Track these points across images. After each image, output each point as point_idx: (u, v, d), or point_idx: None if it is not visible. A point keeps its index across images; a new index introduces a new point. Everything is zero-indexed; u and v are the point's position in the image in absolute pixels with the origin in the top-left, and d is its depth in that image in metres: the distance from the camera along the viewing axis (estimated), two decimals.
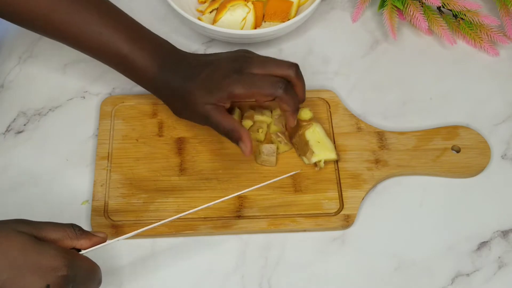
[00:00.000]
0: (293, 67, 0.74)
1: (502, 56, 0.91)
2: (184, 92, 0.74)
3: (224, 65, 0.75)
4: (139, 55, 0.75)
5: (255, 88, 0.73)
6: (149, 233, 0.72)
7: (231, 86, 0.73)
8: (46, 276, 0.57)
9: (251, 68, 0.74)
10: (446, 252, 0.74)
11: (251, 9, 0.90)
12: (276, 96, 0.73)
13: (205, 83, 0.74)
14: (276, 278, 0.71)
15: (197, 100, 0.74)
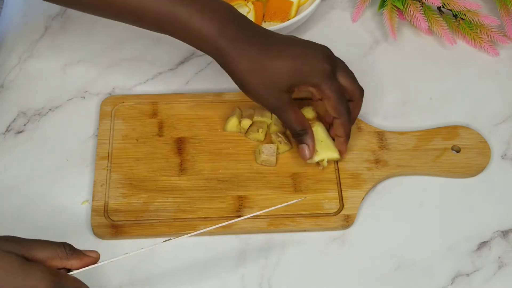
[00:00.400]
0: (362, 90, 0.76)
1: (502, 56, 0.91)
2: (266, 65, 0.71)
3: (318, 52, 0.73)
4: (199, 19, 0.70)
5: (335, 95, 0.72)
6: (149, 233, 0.73)
7: (321, 78, 0.72)
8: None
9: (340, 70, 0.74)
10: (446, 252, 0.74)
11: (251, 9, 0.90)
12: (341, 118, 0.74)
13: (295, 62, 0.71)
14: (276, 278, 0.71)
15: (280, 78, 0.71)
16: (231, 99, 0.84)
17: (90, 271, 0.71)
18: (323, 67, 0.72)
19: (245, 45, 0.71)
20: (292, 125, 0.74)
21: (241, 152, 0.79)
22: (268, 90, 0.72)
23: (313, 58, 0.72)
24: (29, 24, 0.92)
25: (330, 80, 0.72)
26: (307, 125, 0.75)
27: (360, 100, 0.76)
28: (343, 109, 0.73)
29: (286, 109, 0.73)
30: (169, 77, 0.87)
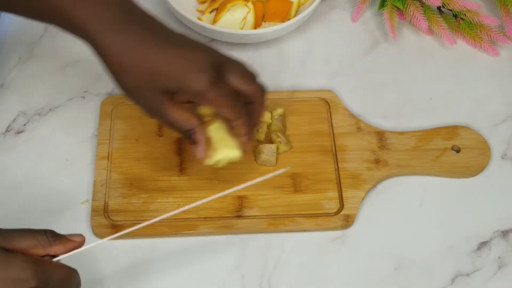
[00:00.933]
0: (263, 90, 0.69)
1: (502, 56, 0.91)
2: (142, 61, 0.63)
3: (203, 61, 0.64)
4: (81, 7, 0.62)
5: (226, 103, 0.66)
6: (149, 233, 0.73)
7: (208, 90, 0.64)
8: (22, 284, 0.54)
9: (229, 73, 0.66)
10: (446, 252, 0.74)
11: (251, 9, 0.90)
12: (239, 119, 0.67)
13: (174, 66, 0.63)
14: (276, 278, 0.71)
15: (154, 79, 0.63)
16: None
17: (90, 271, 0.71)
18: (205, 74, 0.64)
19: (122, 33, 0.63)
20: (177, 126, 0.67)
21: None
22: (142, 91, 0.65)
23: (195, 63, 0.64)
24: (29, 24, 0.92)
25: (214, 87, 0.64)
26: (194, 123, 0.66)
27: (261, 100, 0.69)
28: (236, 113, 0.66)
29: (166, 110, 0.65)
30: None
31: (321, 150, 0.79)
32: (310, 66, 0.89)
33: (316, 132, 0.81)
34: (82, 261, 0.71)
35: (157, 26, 0.66)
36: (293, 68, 0.89)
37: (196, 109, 0.69)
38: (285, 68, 0.89)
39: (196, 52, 0.65)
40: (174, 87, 0.65)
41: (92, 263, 0.71)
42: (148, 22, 0.65)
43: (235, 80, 0.67)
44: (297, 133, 0.81)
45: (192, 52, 0.65)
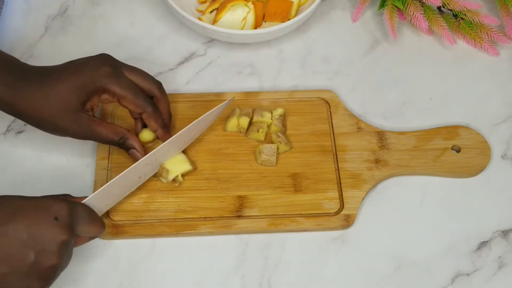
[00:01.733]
0: (158, 83, 0.75)
1: (502, 56, 0.91)
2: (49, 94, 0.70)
3: (93, 61, 0.72)
4: None
5: (130, 92, 0.72)
6: (149, 233, 0.73)
7: (105, 79, 0.71)
8: (52, 211, 0.60)
9: (123, 68, 0.73)
10: (446, 252, 0.74)
11: (251, 9, 0.90)
12: (146, 111, 0.73)
13: (75, 78, 0.71)
14: (276, 278, 0.71)
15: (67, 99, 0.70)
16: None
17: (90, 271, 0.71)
18: (103, 70, 0.71)
19: (23, 86, 0.70)
20: (108, 139, 0.73)
21: (241, 152, 0.79)
22: (64, 117, 0.71)
23: (90, 67, 0.72)
24: (29, 24, 0.92)
25: (116, 79, 0.72)
26: (123, 132, 0.73)
27: (161, 93, 0.75)
28: (142, 102, 0.73)
29: (93, 128, 0.72)
30: (169, 77, 0.87)
31: (321, 150, 0.79)
32: (310, 66, 0.89)
33: (316, 132, 0.81)
34: (82, 261, 0.71)
35: (45, 68, 0.73)
36: (293, 68, 0.89)
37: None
38: (285, 68, 0.89)
39: (88, 60, 0.73)
40: (83, 96, 0.71)
41: (92, 263, 0.71)
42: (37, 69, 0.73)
43: (133, 75, 0.74)
44: (297, 133, 0.81)
45: (85, 62, 0.73)
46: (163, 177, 0.75)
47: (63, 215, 0.60)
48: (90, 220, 0.64)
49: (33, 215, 0.59)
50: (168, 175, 0.75)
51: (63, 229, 0.60)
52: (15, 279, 0.58)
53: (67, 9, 0.94)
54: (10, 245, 0.57)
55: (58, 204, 0.61)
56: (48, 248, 0.59)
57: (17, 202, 0.60)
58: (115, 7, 0.94)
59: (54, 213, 0.60)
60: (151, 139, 0.77)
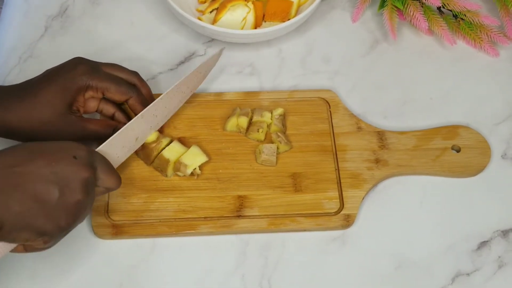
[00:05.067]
0: (135, 72, 0.78)
1: (502, 57, 0.91)
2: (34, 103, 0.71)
3: (68, 64, 0.75)
4: None
5: (110, 81, 0.74)
6: (149, 233, 0.73)
7: (84, 76, 0.73)
8: (70, 151, 0.62)
9: (100, 64, 0.75)
10: (446, 251, 0.74)
11: (251, 9, 0.90)
12: (131, 95, 0.75)
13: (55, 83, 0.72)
14: (276, 278, 0.71)
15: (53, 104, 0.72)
16: (231, 99, 0.84)
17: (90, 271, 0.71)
18: (81, 69, 0.73)
19: (5, 103, 0.71)
20: (103, 133, 0.74)
21: (241, 152, 0.79)
22: (55, 122, 0.72)
23: (67, 70, 0.73)
24: (29, 24, 0.92)
25: (95, 73, 0.74)
26: (113, 123, 0.76)
27: (140, 80, 0.78)
28: (126, 88, 0.75)
29: (85, 126, 0.74)
30: (169, 77, 0.87)
31: (321, 150, 0.79)
32: (310, 66, 0.89)
33: (316, 132, 0.81)
34: (82, 261, 0.71)
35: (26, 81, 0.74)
36: (293, 68, 0.89)
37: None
38: (285, 68, 0.89)
39: (63, 65, 0.75)
40: (68, 98, 0.72)
41: (92, 263, 0.71)
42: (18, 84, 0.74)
43: (110, 69, 0.76)
44: (297, 133, 0.81)
45: (60, 67, 0.74)
46: (181, 171, 0.75)
47: (82, 154, 0.62)
48: (107, 168, 0.65)
49: (52, 154, 0.61)
50: (187, 169, 0.75)
51: (83, 166, 0.61)
52: (43, 215, 0.59)
53: (67, 9, 0.94)
54: (34, 182, 0.58)
55: (76, 145, 0.63)
56: (71, 185, 0.60)
57: (36, 144, 0.62)
58: (115, 7, 0.94)
59: (73, 153, 0.62)
60: (154, 139, 0.76)
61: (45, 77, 0.74)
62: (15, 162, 0.59)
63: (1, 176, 0.58)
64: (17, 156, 0.60)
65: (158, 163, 0.76)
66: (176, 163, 0.75)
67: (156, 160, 0.76)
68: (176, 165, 0.75)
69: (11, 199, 0.57)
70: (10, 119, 0.71)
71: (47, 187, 0.59)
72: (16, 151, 0.61)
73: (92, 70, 0.74)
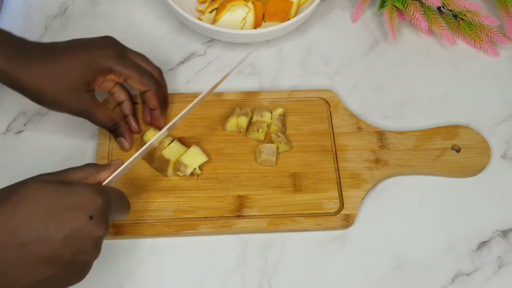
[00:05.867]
0: (160, 68, 0.78)
1: (502, 57, 0.91)
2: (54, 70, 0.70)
3: (100, 41, 0.74)
4: None
5: (134, 70, 0.74)
6: (149, 233, 0.73)
7: (112, 59, 0.72)
8: (86, 209, 0.58)
9: (128, 51, 0.75)
10: (446, 251, 0.74)
11: (251, 9, 0.90)
12: (150, 88, 0.75)
13: (81, 58, 0.72)
14: (276, 278, 0.71)
15: (72, 77, 0.71)
16: (231, 99, 0.84)
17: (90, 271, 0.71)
18: (110, 51, 0.73)
19: (25, 59, 0.70)
20: (102, 123, 0.75)
21: (241, 152, 0.79)
22: (66, 94, 0.71)
23: (97, 48, 0.73)
24: (29, 24, 0.92)
25: (122, 59, 0.73)
26: (117, 119, 0.76)
27: (162, 77, 0.78)
28: (148, 80, 0.75)
29: (91, 109, 0.74)
30: (169, 77, 0.87)
31: (321, 150, 0.79)
32: (310, 66, 0.89)
33: (316, 132, 0.81)
34: None
35: (50, 44, 0.73)
36: (293, 68, 0.89)
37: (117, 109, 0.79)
38: (285, 68, 0.89)
39: (94, 41, 0.74)
40: (89, 76, 0.72)
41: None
42: (41, 45, 0.73)
43: (137, 59, 0.76)
44: (297, 133, 0.81)
45: (92, 42, 0.73)
46: (181, 171, 0.75)
47: (98, 213, 0.59)
48: (121, 206, 0.64)
49: (67, 218, 0.57)
50: (187, 169, 0.75)
51: (98, 226, 0.59)
52: (53, 280, 0.58)
53: (67, 9, 0.94)
54: (45, 249, 0.56)
55: (92, 200, 0.59)
56: (84, 247, 0.58)
57: (48, 200, 0.57)
58: (115, 7, 0.94)
59: (89, 212, 0.58)
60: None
61: (72, 47, 0.73)
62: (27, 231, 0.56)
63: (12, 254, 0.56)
64: (28, 219, 0.56)
65: (158, 163, 0.76)
66: (176, 163, 0.75)
67: (156, 160, 0.76)
68: (176, 165, 0.75)
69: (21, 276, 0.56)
70: (25, 77, 0.70)
71: (58, 253, 0.57)
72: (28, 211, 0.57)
73: (120, 55, 0.73)
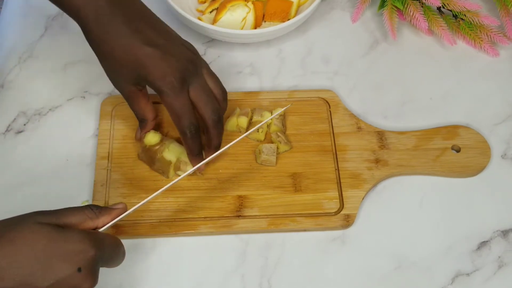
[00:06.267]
0: (225, 91, 0.74)
1: (502, 57, 0.91)
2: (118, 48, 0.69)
3: (176, 60, 0.70)
4: None
5: (202, 95, 0.70)
6: (149, 233, 0.73)
7: (170, 92, 0.69)
8: (76, 260, 0.56)
9: (204, 69, 0.72)
10: (446, 252, 0.74)
11: (251, 9, 0.90)
12: (213, 121, 0.71)
13: (148, 60, 0.69)
14: (276, 278, 0.71)
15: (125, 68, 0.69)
16: (231, 99, 0.83)
17: None
18: (170, 77, 0.68)
19: (106, 25, 0.69)
20: (136, 113, 0.75)
21: (241, 152, 0.79)
22: (115, 75, 0.72)
23: (164, 64, 0.69)
24: (29, 24, 0.92)
25: (175, 93, 0.69)
26: (149, 116, 0.75)
27: (214, 128, 0.72)
28: (183, 126, 0.70)
29: (130, 99, 0.73)
30: None
31: (321, 150, 0.79)
32: (310, 66, 0.89)
33: (316, 132, 0.81)
34: None
35: (143, 19, 0.71)
36: (293, 68, 0.89)
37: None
38: (285, 68, 0.89)
39: (168, 54, 0.69)
40: (139, 81, 0.71)
41: None
42: (134, 14, 0.71)
43: (195, 98, 0.70)
44: (297, 133, 0.81)
45: (164, 54, 0.69)
46: (181, 169, 0.75)
47: (87, 265, 0.57)
48: (116, 255, 0.62)
49: (55, 267, 0.56)
50: (186, 166, 0.75)
51: (85, 279, 0.57)
52: None
53: None
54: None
55: (83, 251, 0.57)
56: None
57: (40, 245, 0.56)
58: None
59: (78, 263, 0.56)
60: (158, 141, 0.76)
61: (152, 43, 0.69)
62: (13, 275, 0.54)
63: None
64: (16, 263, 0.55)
65: (159, 166, 0.76)
66: (175, 162, 0.75)
67: (157, 162, 0.76)
68: (176, 164, 0.75)
69: None
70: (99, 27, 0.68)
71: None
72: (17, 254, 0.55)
73: (178, 88, 0.69)
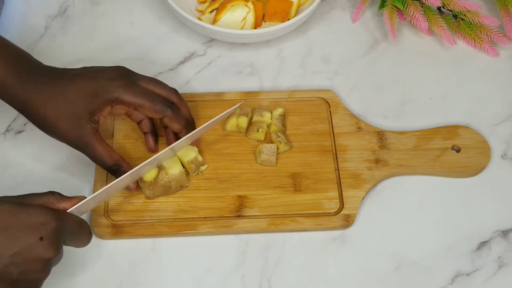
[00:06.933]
0: (174, 90, 0.75)
1: (502, 57, 0.91)
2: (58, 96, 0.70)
3: (109, 71, 0.72)
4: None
5: (146, 99, 0.71)
6: (149, 233, 0.73)
7: (119, 89, 0.70)
8: (38, 231, 0.58)
9: (139, 79, 0.73)
10: (446, 251, 0.74)
11: (251, 9, 0.90)
12: (166, 115, 0.72)
13: (88, 86, 0.70)
14: (276, 278, 0.71)
15: (77, 105, 0.69)
16: (231, 99, 0.84)
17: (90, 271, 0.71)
18: (118, 81, 0.70)
19: (35, 83, 0.70)
20: (102, 161, 0.71)
21: (241, 152, 0.79)
22: (67, 122, 0.70)
23: (105, 77, 0.71)
24: (29, 24, 0.92)
25: (130, 88, 0.71)
26: (118, 159, 0.72)
27: (179, 99, 0.75)
28: (161, 106, 0.72)
29: (90, 141, 0.70)
30: (169, 77, 0.87)
31: (321, 150, 0.79)
32: (310, 66, 0.89)
33: (316, 132, 0.81)
34: (83, 261, 0.71)
35: (60, 70, 0.73)
36: (293, 68, 0.89)
37: None
38: (285, 68, 0.89)
39: (104, 70, 0.72)
40: (94, 106, 0.70)
41: (92, 263, 0.71)
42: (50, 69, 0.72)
43: (150, 85, 0.73)
44: (297, 133, 0.81)
45: (101, 71, 0.72)
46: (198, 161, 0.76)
47: (49, 234, 0.59)
48: (80, 233, 0.63)
49: (17, 236, 0.58)
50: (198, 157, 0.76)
51: (47, 248, 0.58)
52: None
53: (67, 9, 0.94)
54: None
55: (45, 222, 0.59)
56: (32, 267, 0.58)
57: (1, 217, 0.58)
58: (115, 7, 0.94)
59: (40, 233, 0.58)
60: (156, 171, 0.74)
61: (80, 75, 0.71)
62: None
63: None
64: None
65: (176, 184, 0.75)
66: (188, 163, 0.75)
67: (173, 183, 0.74)
68: (189, 165, 0.76)
69: None
70: (31, 99, 0.70)
71: (5, 270, 0.57)
72: None
73: (128, 84, 0.71)
